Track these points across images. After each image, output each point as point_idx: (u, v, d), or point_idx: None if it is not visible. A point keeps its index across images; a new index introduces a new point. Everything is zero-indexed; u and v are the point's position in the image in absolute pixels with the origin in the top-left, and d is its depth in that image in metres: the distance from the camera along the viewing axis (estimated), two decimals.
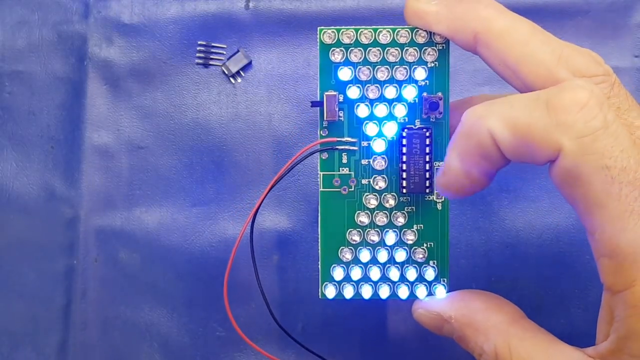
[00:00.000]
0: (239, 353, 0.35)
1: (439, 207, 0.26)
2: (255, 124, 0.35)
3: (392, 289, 0.26)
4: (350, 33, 0.25)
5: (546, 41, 0.22)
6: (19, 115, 0.36)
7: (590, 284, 0.34)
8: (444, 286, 0.26)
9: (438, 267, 0.26)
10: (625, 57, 0.35)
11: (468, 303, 0.25)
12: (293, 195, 0.35)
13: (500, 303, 0.24)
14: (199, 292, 0.35)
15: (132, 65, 0.36)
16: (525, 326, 0.23)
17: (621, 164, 0.19)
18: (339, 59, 0.25)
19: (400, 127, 0.25)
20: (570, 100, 0.19)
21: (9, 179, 0.36)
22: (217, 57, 0.36)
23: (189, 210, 0.35)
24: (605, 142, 0.19)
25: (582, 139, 0.19)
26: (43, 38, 0.36)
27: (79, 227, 0.35)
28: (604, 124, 0.19)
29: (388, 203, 0.26)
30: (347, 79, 0.25)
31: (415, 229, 0.26)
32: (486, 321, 0.24)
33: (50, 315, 0.35)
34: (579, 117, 0.19)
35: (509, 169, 0.35)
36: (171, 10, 0.36)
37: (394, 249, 0.26)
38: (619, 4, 0.35)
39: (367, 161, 0.26)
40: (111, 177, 0.36)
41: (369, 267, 0.26)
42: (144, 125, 0.36)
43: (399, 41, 0.25)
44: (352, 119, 0.25)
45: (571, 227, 0.34)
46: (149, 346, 0.35)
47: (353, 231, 0.26)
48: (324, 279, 0.26)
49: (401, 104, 0.25)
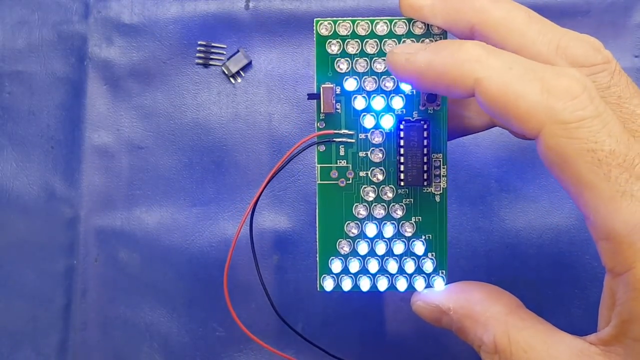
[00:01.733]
0: (239, 353, 0.35)
1: (437, 199, 0.26)
2: (255, 124, 0.35)
3: (390, 282, 0.26)
4: (346, 24, 0.25)
5: (543, 30, 0.22)
6: (19, 115, 0.36)
7: (590, 284, 0.34)
8: (443, 278, 0.26)
9: (436, 259, 0.26)
10: (625, 57, 0.35)
11: (467, 294, 0.24)
12: (293, 195, 0.35)
13: (499, 293, 0.24)
14: (199, 292, 0.35)
15: (132, 65, 0.36)
16: (524, 316, 0.23)
17: (609, 147, 0.19)
18: (336, 51, 0.25)
19: (397, 119, 0.25)
20: (565, 88, 0.20)
21: (9, 179, 0.36)
22: (217, 57, 0.36)
23: (189, 210, 0.35)
24: (590, 129, 0.19)
25: (567, 125, 0.19)
26: (43, 38, 0.36)
27: (79, 227, 0.35)
28: (593, 114, 0.19)
29: (386, 195, 0.25)
30: (344, 71, 0.25)
31: (413, 221, 0.26)
32: (485, 312, 0.24)
33: (50, 315, 0.35)
34: (568, 106, 0.19)
35: (509, 169, 0.35)
36: (171, 10, 0.36)
37: (392, 241, 0.26)
38: (619, 4, 0.35)
39: (365, 153, 0.25)
40: (111, 177, 0.36)
41: (367, 259, 0.26)
42: (144, 125, 0.36)
43: (396, 32, 0.25)
44: (349, 111, 0.25)
45: (571, 227, 0.34)
46: (149, 346, 0.35)
47: (351, 224, 0.26)
48: (322, 271, 0.26)
49: (399, 96, 0.25)
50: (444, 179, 0.25)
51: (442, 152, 0.25)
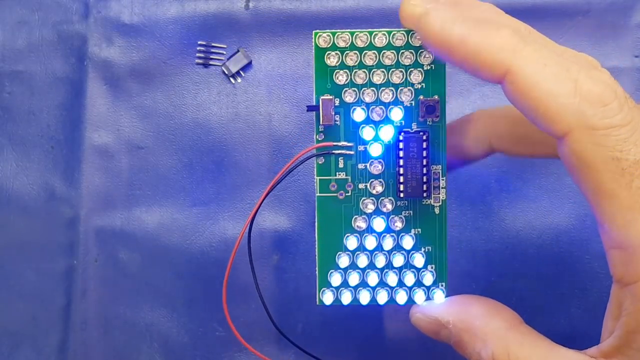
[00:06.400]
0: (239, 353, 0.35)
1: (436, 211, 0.25)
2: (255, 124, 0.35)
3: (390, 294, 0.26)
4: (345, 36, 0.25)
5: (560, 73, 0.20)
6: (19, 115, 0.36)
7: (590, 284, 0.34)
8: (443, 290, 0.25)
9: (436, 271, 0.25)
10: (625, 57, 0.35)
11: (466, 308, 0.24)
12: (293, 195, 0.35)
13: (499, 308, 0.24)
14: (199, 292, 0.35)
15: (132, 65, 0.36)
16: (524, 332, 0.23)
17: (634, 157, 0.19)
18: (335, 63, 0.25)
19: (397, 130, 0.25)
20: (597, 94, 0.19)
21: (9, 179, 0.36)
22: (217, 57, 0.36)
23: (189, 210, 0.35)
24: (618, 137, 0.19)
25: (594, 131, 0.19)
26: (43, 38, 0.36)
27: (79, 227, 0.35)
28: (622, 122, 0.19)
29: (385, 207, 0.25)
30: (342, 82, 0.25)
31: (413, 233, 0.25)
32: (484, 327, 0.23)
33: (50, 315, 0.35)
34: (598, 112, 0.19)
35: (509, 169, 0.35)
36: (171, 10, 0.36)
37: (391, 253, 0.25)
38: (619, 4, 0.35)
39: (364, 165, 0.25)
40: (111, 177, 0.36)
41: (366, 272, 0.25)
42: (144, 125, 0.36)
43: (395, 44, 0.25)
44: (348, 123, 0.25)
45: (571, 227, 0.34)
46: (149, 346, 0.35)
47: (350, 236, 0.25)
48: (322, 284, 0.25)
49: (398, 108, 0.25)
50: (443, 191, 0.25)
51: (442, 163, 0.25)
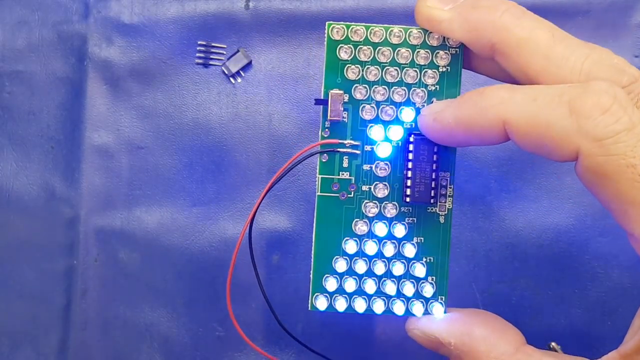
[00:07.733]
0: (239, 353, 0.35)
1: (441, 220, 0.24)
2: (255, 124, 0.35)
3: (387, 304, 0.25)
4: (360, 30, 0.24)
5: (567, 54, 0.21)
6: (19, 115, 0.36)
7: (590, 284, 0.34)
8: (442, 304, 0.24)
9: (437, 283, 0.24)
10: (625, 57, 0.34)
11: (469, 329, 0.23)
12: (293, 195, 0.35)
13: (503, 328, 0.23)
14: (199, 292, 0.35)
15: (132, 65, 0.36)
16: (530, 353, 0.23)
17: None
18: (347, 57, 0.24)
19: (406, 132, 0.24)
20: (592, 104, 0.19)
21: (9, 179, 0.36)
22: (217, 57, 0.36)
23: (189, 210, 0.35)
24: (627, 143, 0.18)
25: (603, 142, 0.19)
26: (43, 38, 0.36)
27: (79, 227, 0.35)
28: (628, 126, 0.19)
29: (389, 212, 0.24)
30: (353, 78, 0.24)
31: (415, 241, 0.24)
32: (490, 352, 0.23)
33: (50, 315, 0.35)
34: (599, 121, 0.19)
35: (509, 168, 0.35)
36: (171, 10, 0.36)
37: (391, 261, 0.24)
38: (619, 4, 0.35)
39: (369, 167, 0.24)
40: (111, 177, 0.36)
41: (363, 279, 0.24)
42: (144, 125, 0.36)
43: (411, 42, 0.24)
44: (356, 120, 0.24)
45: (571, 227, 0.34)
46: (149, 346, 0.35)
47: (350, 240, 0.24)
48: (315, 289, 0.24)
49: (409, 108, 0.24)
50: (449, 200, 0.24)
51: (450, 171, 0.24)
